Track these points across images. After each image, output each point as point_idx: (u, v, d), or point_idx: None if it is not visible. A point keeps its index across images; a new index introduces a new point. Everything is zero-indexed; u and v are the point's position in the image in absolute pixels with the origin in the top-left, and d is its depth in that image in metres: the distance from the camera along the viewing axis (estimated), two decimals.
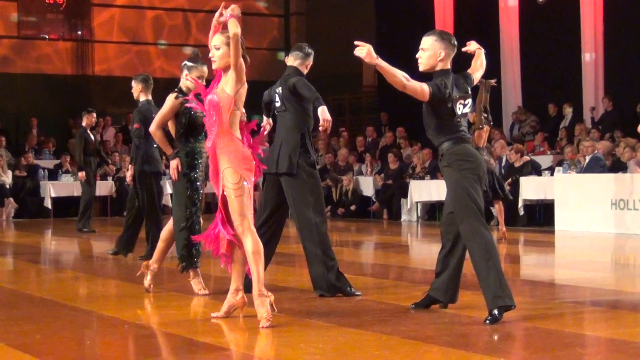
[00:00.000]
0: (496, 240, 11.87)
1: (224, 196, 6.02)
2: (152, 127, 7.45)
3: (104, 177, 19.31)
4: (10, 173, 19.62)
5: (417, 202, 17.59)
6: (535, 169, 15.84)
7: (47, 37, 23.79)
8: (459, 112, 6.08)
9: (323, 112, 6.88)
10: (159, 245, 7.62)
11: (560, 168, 15.14)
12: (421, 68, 6.17)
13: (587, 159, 14.92)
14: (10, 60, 23.41)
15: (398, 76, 5.84)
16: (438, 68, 6.11)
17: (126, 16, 24.76)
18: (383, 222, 17.88)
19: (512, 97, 20.21)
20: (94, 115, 14.75)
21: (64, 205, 19.84)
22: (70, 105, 22.98)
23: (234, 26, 5.86)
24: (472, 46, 6.62)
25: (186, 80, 7.29)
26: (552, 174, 15.28)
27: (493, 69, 19.75)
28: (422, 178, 17.55)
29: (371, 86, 24.12)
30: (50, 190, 19.61)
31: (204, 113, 6.18)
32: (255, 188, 6.60)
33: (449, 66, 6.15)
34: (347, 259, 10.28)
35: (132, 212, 10.49)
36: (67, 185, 19.68)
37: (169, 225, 7.56)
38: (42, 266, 10.76)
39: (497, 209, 12.72)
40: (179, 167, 7.33)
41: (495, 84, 11.42)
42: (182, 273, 7.49)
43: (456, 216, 6.07)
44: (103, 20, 24.42)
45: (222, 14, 6.13)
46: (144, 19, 24.97)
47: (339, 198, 19.16)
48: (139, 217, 10.48)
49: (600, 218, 13.86)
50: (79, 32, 24.06)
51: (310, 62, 7.39)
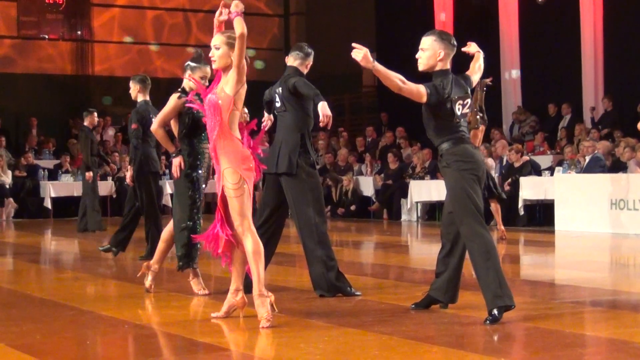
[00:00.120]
0: (497, 240, 11.92)
1: (223, 196, 6.01)
2: (154, 126, 7.45)
3: (104, 177, 19.31)
4: (10, 173, 19.63)
5: (417, 202, 17.58)
6: (535, 169, 15.84)
7: (46, 37, 23.79)
8: (459, 113, 6.08)
9: (323, 108, 6.87)
10: (160, 246, 7.61)
11: (560, 168, 15.13)
12: (421, 68, 6.17)
13: (587, 159, 14.92)
14: (10, 60, 23.41)
15: (394, 79, 5.84)
16: (437, 68, 6.11)
17: (127, 16, 24.76)
18: (383, 222, 17.88)
19: (512, 97, 20.21)
20: (96, 115, 14.75)
21: (63, 205, 19.87)
22: (70, 105, 22.99)
23: (240, 26, 5.83)
24: (472, 48, 6.62)
25: (189, 80, 7.28)
26: (552, 174, 15.27)
27: (493, 68, 19.90)
28: (422, 178, 17.55)
29: (371, 86, 24.11)
30: (50, 190, 19.61)
31: (203, 113, 6.18)
32: (255, 188, 6.59)
33: (448, 66, 6.15)
34: (347, 259, 10.28)
35: (130, 212, 10.50)
36: (67, 185, 19.69)
37: (169, 226, 7.55)
38: (42, 266, 10.76)
39: (494, 208, 12.71)
40: (182, 165, 7.33)
41: (491, 83, 11.40)
42: (180, 272, 7.49)
43: (456, 217, 6.07)
44: (103, 20, 24.42)
45: (221, 13, 6.13)
46: (145, 19, 24.97)
47: (339, 198, 19.16)
48: (136, 217, 10.49)
49: (600, 218, 13.85)
50: (79, 32, 24.07)
51: (310, 62, 7.39)
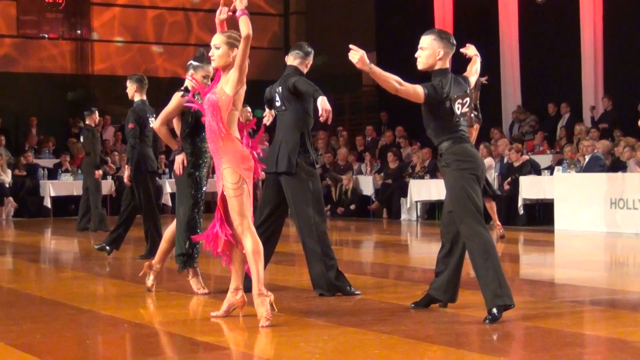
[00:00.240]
0: (496, 239, 11.91)
1: (223, 196, 6.02)
2: (156, 124, 7.42)
3: (103, 177, 19.27)
4: (9, 172, 19.63)
5: (416, 202, 17.58)
6: (534, 169, 15.83)
7: (46, 36, 23.79)
8: (458, 112, 6.08)
9: (322, 102, 6.84)
10: (162, 246, 7.60)
11: (560, 167, 15.13)
12: (420, 67, 6.17)
13: (587, 158, 14.92)
14: (9, 59, 23.40)
15: (391, 81, 5.84)
16: (437, 67, 6.11)
17: (127, 15, 24.75)
18: (383, 222, 17.87)
19: (512, 96, 20.21)
20: (97, 113, 14.74)
21: (63, 204, 19.87)
22: (69, 104, 22.98)
23: (245, 27, 5.82)
24: (470, 50, 6.63)
25: (190, 80, 7.26)
26: (551, 174, 15.27)
27: (492, 68, 19.91)
28: (422, 177, 17.55)
29: (371, 86, 24.10)
30: (50, 190, 19.61)
31: (202, 112, 6.18)
32: (256, 187, 6.61)
33: (447, 65, 6.15)
34: (346, 258, 10.28)
35: (126, 211, 10.48)
36: (67, 185, 19.69)
37: (172, 226, 7.53)
38: (41, 265, 10.76)
39: (489, 207, 12.69)
40: (185, 162, 7.32)
41: (486, 82, 11.40)
42: (180, 272, 7.49)
43: (455, 216, 6.07)
44: (103, 19, 24.42)
45: (222, 12, 6.13)
46: (145, 18, 24.97)
47: (339, 197, 19.16)
48: (131, 216, 10.49)
49: (600, 217, 13.85)
50: (78, 32, 24.06)
51: (310, 61, 7.38)
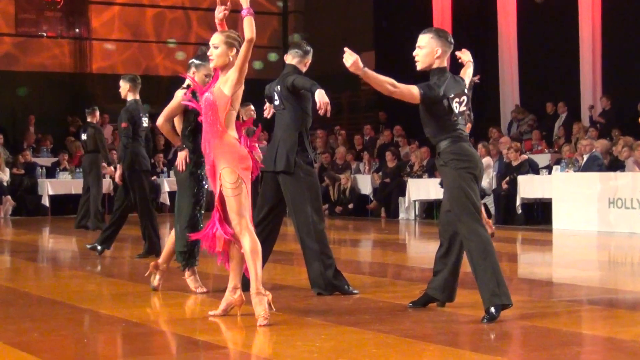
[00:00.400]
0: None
1: (221, 195, 6.02)
2: (160, 121, 7.38)
3: (102, 175, 19.26)
4: (8, 171, 19.61)
5: (414, 201, 17.59)
6: (532, 168, 15.84)
7: (45, 34, 23.77)
8: (456, 111, 6.08)
9: (320, 95, 6.80)
10: (168, 245, 7.55)
11: (558, 167, 15.14)
12: (418, 66, 6.17)
13: (585, 157, 14.92)
14: (8, 57, 23.38)
15: (384, 84, 5.86)
16: (435, 66, 6.12)
17: (127, 13, 24.74)
18: (381, 221, 17.88)
19: (510, 95, 20.21)
20: (98, 112, 14.72)
21: (61, 203, 19.86)
22: (68, 102, 22.96)
23: (249, 30, 5.81)
24: (465, 56, 6.64)
25: (190, 79, 7.22)
26: (549, 173, 15.28)
27: (491, 67, 19.92)
28: (420, 176, 17.56)
29: (369, 85, 24.10)
30: (48, 188, 19.60)
31: (199, 111, 6.18)
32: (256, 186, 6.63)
33: (445, 64, 6.16)
34: (344, 257, 10.28)
35: (119, 210, 10.47)
36: (65, 183, 19.67)
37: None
38: (39, 264, 10.75)
39: None
40: (187, 159, 7.31)
41: (478, 81, 11.41)
42: (182, 270, 7.47)
43: (453, 215, 6.08)
44: (103, 17, 24.40)
45: (219, 10, 6.14)
46: (144, 16, 24.97)
47: (337, 196, 19.16)
48: (123, 215, 10.47)
49: (598, 217, 13.86)
50: (77, 30, 24.05)
51: (309, 60, 7.37)
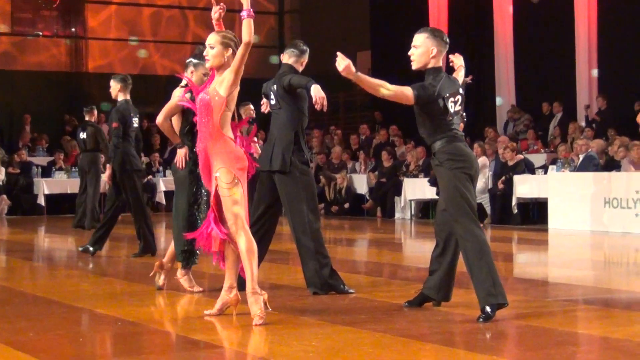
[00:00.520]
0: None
1: (217, 195, 6.01)
2: (160, 119, 7.36)
3: None
4: (3, 170, 19.58)
5: (410, 200, 17.59)
6: (528, 168, 15.85)
7: (40, 33, 23.75)
8: (452, 110, 6.09)
9: (316, 90, 6.79)
10: (172, 245, 7.57)
11: (554, 166, 15.15)
12: (414, 66, 6.18)
13: (581, 157, 14.93)
14: (3, 56, 23.35)
15: (377, 87, 5.86)
16: (430, 65, 6.12)
17: (124, 12, 24.73)
18: (377, 220, 17.87)
19: (506, 95, 20.22)
20: (96, 111, 14.70)
21: (57, 202, 19.85)
22: (63, 101, 22.94)
23: (247, 33, 5.80)
24: (457, 60, 6.64)
25: (186, 79, 7.20)
26: (545, 173, 15.29)
27: (487, 67, 19.94)
28: (416, 176, 17.55)
29: None
30: (44, 187, 19.58)
31: (195, 112, 6.17)
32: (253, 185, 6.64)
33: (440, 64, 6.16)
34: (340, 257, 10.28)
35: (110, 210, 10.46)
36: (61, 182, 19.65)
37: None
38: (35, 263, 10.74)
39: None
40: (187, 156, 7.31)
41: (471, 81, 11.43)
42: (184, 268, 7.46)
43: (449, 215, 6.08)
44: (99, 17, 24.38)
45: (215, 11, 6.14)
46: (141, 15, 24.96)
47: (333, 196, 19.15)
48: (114, 216, 10.45)
49: (594, 216, 13.87)
50: (73, 29, 24.03)
51: (305, 59, 7.37)
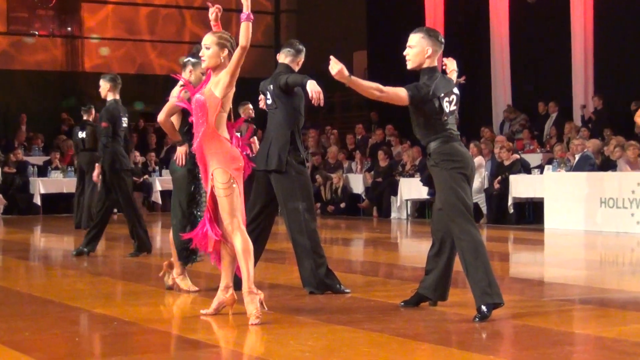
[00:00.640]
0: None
1: (213, 195, 6.02)
2: (161, 117, 7.31)
3: None
4: None
5: (406, 200, 17.60)
6: (524, 167, 15.86)
7: (36, 33, 23.73)
8: (447, 110, 6.09)
9: (312, 86, 6.76)
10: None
11: (550, 166, 15.16)
12: (409, 65, 6.18)
13: (577, 157, 14.95)
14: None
15: (371, 90, 5.85)
16: (425, 65, 6.12)
17: (121, 11, 24.72)
18: (373, 220, 17.88)
19: (502, 95, 20.24)
20: (94, 110, 14.69)
21: (53, 201, 19.83)
22: (60, 101, 22.93)
23: (244, 37, 5.80)
24: (450, 64, 6.65)
25: (182, 79, 7.19)
26: (541, 172, 15.30)
27: (483, 67, 19.94)
28: (412, 176, 17.56)
29: None
30: (40, 187, 19.56)
31: (190, 112, 6.17)
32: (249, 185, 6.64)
33: (435, 64, 6.17)
34: (336, 257, 10.28)
35: (101, 211, 10.44)
36: (57, 182, 19.64)
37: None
38: (31, 263, 10.73)
39: None
40: (187, 154, 7.30)
41: (464, 82, 11.43)
42: (185, 267, 7.45)
43: (445, 215, 6.08)
44: (96, 16, 24.37)
45: (211, 12, 6.16)
46: (138, 14, 24.95)
47: (329, 195, 19.16)
48: (105, 216, 10.44)
49: (590, 216, 13.88)
50: (69, 29, 24.01)
51: (301, 59, 7.37)
